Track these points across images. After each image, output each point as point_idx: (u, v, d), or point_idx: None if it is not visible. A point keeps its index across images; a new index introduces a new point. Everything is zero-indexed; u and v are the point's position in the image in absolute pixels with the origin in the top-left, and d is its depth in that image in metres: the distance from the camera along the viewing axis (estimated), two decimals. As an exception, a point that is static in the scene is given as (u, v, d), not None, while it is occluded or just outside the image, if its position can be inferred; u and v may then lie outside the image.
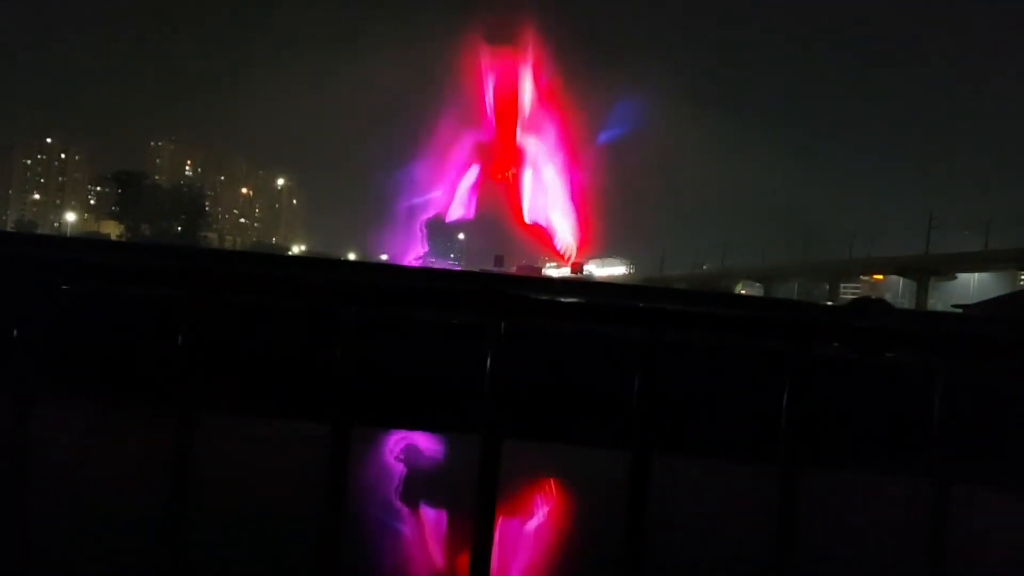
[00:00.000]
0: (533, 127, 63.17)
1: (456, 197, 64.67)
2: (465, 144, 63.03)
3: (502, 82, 62.21)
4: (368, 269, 1.46)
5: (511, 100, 63.47)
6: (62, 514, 2.68)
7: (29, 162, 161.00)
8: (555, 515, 4.02)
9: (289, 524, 2.88)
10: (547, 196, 64.99)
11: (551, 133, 62.59)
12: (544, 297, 1.47)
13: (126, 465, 3.17)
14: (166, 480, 1.42)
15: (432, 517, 3.81)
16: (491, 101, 62.98)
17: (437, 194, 63.66)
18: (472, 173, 64.54)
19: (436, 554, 3.46)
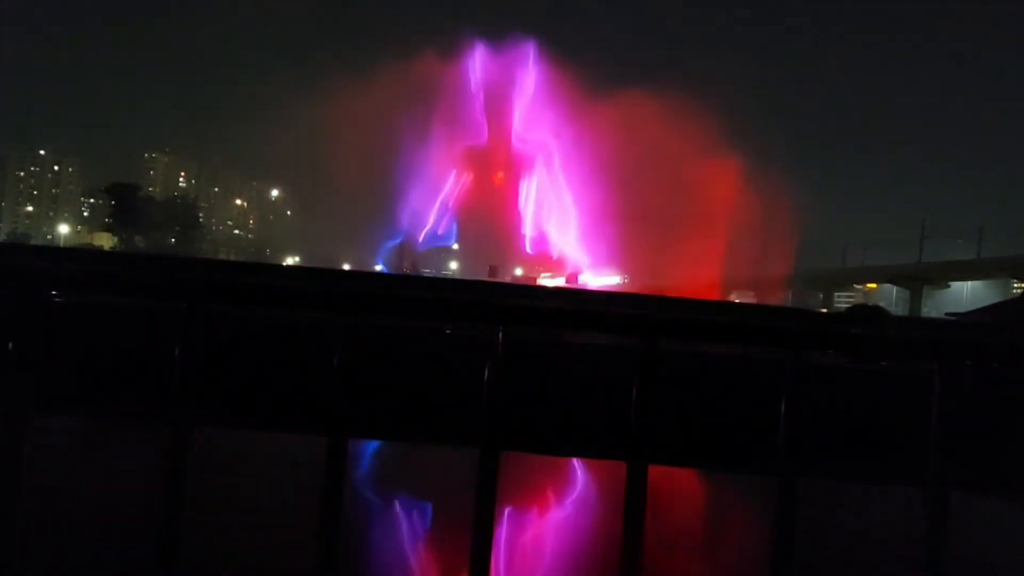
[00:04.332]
0: (529, 133, 63.32)
1: (450, 205, 64.76)
2: (461, 149, 63.14)
3: (498, 86, 62.36)
4: (364, 278, 1.46)
5: (507, 104, 63.59)
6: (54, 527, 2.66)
7: (22, 174, 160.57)
8: (552, 525, 4.01)
9: (286, 535, 2.86)
10: (542, 205, 65.14)
11: (546, 140, 62.79)
12: (542, 306, 1.46)
13: (121, 481, 3.15)
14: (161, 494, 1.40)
15: (430, 528, 3.78)
16: (486, 105, 63.10)
17: (432, 201, 63.74)
18: (467, 180, 64.66)
19: (435, 565, 3.43)
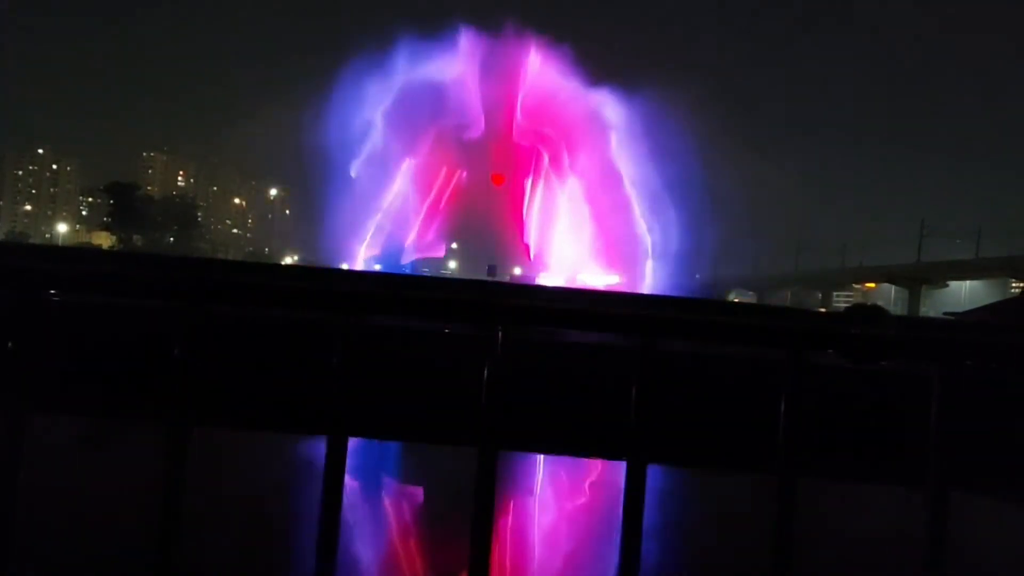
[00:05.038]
0: (529, 130, 63.20)
1: (447, 205, 64.75)
2: (459, 148, 63.11)
3: (496, 84, 62.16)
4: (362, 278, 1.45)
5: (505, 102, 63.40)
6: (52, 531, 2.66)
7: (20, 173, 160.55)
8: (551, 525, 4.01)
9: (285, 537, 2.87)
10: (543, 203, 65.12)
11: (546, 138, 62.72)
12: (542, 306, 1.46)
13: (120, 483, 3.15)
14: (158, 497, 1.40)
15: (428, 529, 3.79)
16: (485, 104, 62.91)
17: (431, 202, 63.72)
18: (466, 179, 64.62)
19: (435, 565, 3.43)
